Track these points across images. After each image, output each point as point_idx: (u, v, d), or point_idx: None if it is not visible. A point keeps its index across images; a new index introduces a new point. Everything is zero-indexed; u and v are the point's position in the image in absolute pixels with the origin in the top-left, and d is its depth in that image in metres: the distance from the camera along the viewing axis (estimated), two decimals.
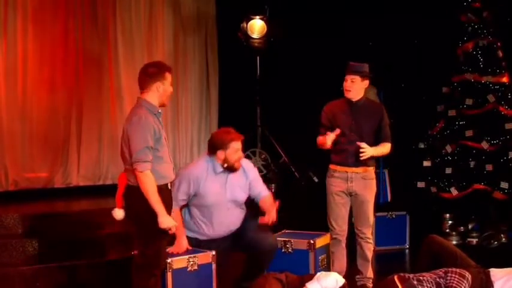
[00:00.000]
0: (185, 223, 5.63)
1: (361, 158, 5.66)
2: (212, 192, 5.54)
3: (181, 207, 5.60)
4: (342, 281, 5.23)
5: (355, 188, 5.80)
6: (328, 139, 5.67)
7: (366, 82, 5.82)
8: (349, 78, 5.78)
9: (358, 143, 5.64)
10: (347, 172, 5.79)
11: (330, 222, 5.91)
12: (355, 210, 5.89)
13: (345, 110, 5.84)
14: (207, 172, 5.55)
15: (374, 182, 5.87)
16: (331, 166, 5.90)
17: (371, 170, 5.83)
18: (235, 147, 5.54)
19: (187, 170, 5.68)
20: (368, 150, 5.63)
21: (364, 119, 5.78)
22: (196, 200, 5.57)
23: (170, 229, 4.80)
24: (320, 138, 5.82)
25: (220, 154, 5.52)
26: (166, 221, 4.75)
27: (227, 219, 5.65)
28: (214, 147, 5.57)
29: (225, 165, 5.54)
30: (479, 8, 8.19)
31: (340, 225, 5.90)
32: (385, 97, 8.33)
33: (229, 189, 5.62)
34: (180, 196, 5.49)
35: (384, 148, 5.79)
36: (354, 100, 5.82)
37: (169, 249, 5.36)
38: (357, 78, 5.76)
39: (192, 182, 5.49)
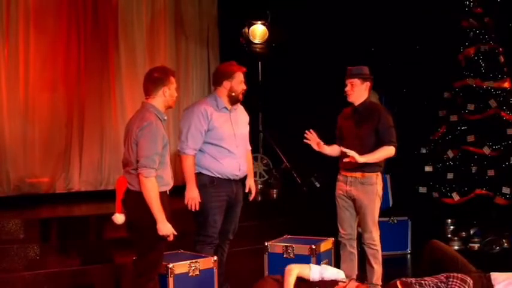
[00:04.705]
0: (197, 160, 5.63)
1: (346, 160, 5.67)
2: (222, 125, 5.63)
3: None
4: (343, 276, 5.29)
5: (353, 192, 5.80)
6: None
7: (367, 84, 5.83)
8: (348, 82, 5.82)
9: (343, 150, 5.64)
10: (347, 176, 5.83)
11: (337, 226, 5.96)
12: (357, 214, 5.90)
13: (348, 116, 5.91)
14: (212, 107, 5.64)
15: (375, 187, 5.79)
16: (340, 170, 5.95)
17: (370, 176, 5.77)
18: (239, 78, 5.69)
19: (191, 109, 5.68)
20: (358, 159, 5.60)
21: (364, 123, 5.78)
22: (209, 136, 5.60)
23: (168, 236, 4.81)
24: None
25: (226, 84, 5.67)
26: (165, 228, 4.77)
27: (237, 157, 5.71)
28: (220, 77, 5.73)
29: (232, 94, 5.66)
30: (481, 13, 8.20)
31: (344, 228, 5.92)
32: (387, 102, 8.33)
33: (234, 124, 5.73)
34: (196, 135, 5.53)
35: (383, 152, 5.71)
36: (356, 104, 5.84)
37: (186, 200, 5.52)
38: (356, 81, 5.79)
39: (202, 115, 5.55)
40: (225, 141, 5.64)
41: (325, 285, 5.11)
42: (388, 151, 5.73)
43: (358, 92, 5.81)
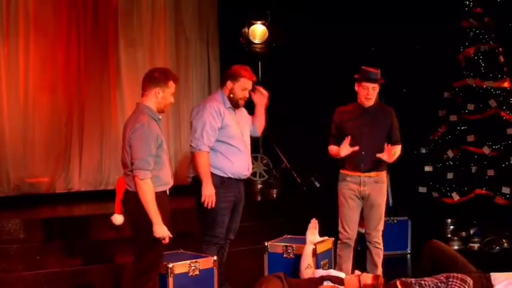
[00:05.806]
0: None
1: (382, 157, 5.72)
2: (232, 123, 5.65)
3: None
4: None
5: (367, 191, 5.82)
6: (342, 151, 5.73)
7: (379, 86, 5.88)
8: (370, 86, 5.76)
9: (379, 156, 5.67)
10: (360, 176, 5.82)
11: (342, 226, 5.93)
12: (366, 213, 5.92)
13: (355, 115, 5.87)
14: (222, 105, 5.65)
15: (385, 185, 5.89)
16: (342, 171, 5.91)
17: (383, 174, 5.86)
18: (244, 84, 5.69)
19: (202, 106, 5.66)
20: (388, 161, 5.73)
21: (376, 124, 5.82)
22: (220, 134, 5.60)
23: (164, 239, 4.79)
24: (332, 149, 5.89)
25: (229, 84, 5.68)
26: (160, 230, 4.75)
27: (246, 156, 5.74)
28: (226, 76, 5.76)
29: (231, 95, 5.66)
30: (481, 13, 8.21)
31: (352, 229, 5.93)
32: (387, 102, 8.31)
33: (240, 123, 5.76)
34: (210, 133, 5.52)
35: (397, 152, 5.82)
36: (366, 106, 5.84)
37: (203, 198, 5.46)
38: (377, 86, 5.81)
39: (216, 112, 5.55)
40: (235, 139, 5.65)
41: (335, 279, 5.12)
42: (399, 150, 5.85)
43: (376, 95, 5.85)
